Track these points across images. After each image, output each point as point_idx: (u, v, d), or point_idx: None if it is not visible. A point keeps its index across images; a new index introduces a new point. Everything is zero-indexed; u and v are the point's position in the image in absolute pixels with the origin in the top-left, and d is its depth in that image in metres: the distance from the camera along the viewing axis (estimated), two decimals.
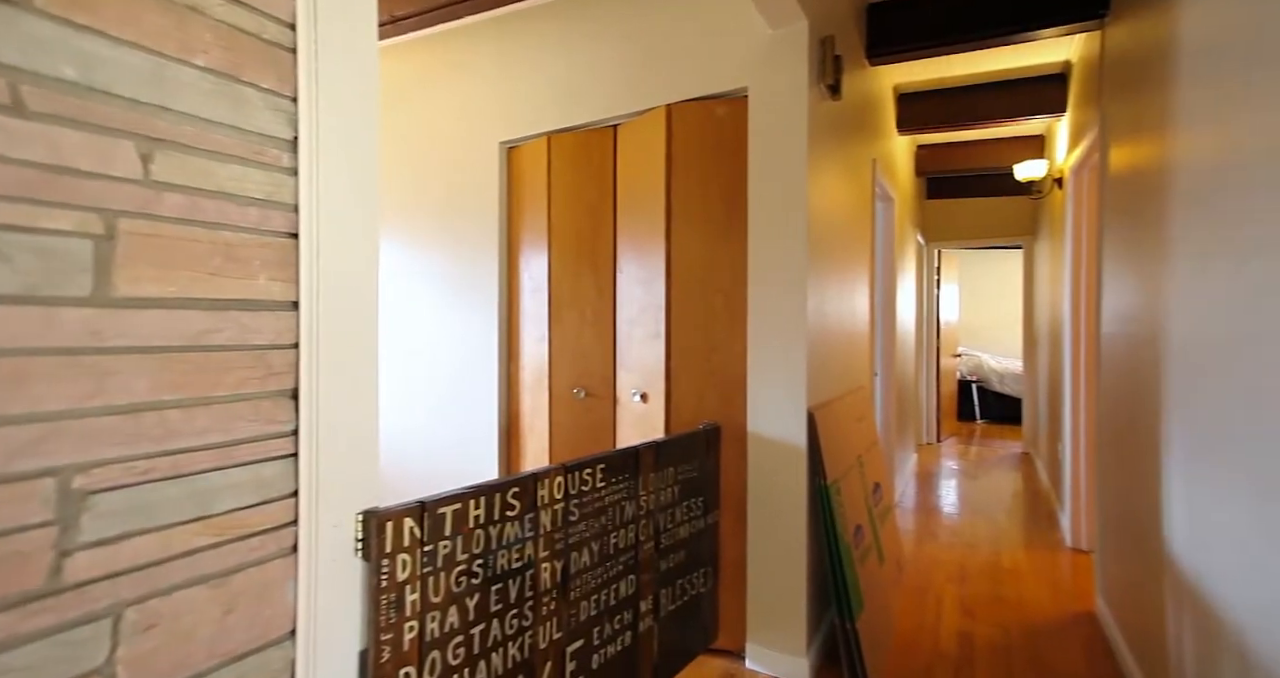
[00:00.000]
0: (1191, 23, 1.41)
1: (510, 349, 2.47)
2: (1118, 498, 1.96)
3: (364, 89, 0.83)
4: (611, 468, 1.47)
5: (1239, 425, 1.08)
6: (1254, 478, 1.02)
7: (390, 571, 0.88)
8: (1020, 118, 3.36)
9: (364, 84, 0.83)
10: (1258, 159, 1.01)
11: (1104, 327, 2.17)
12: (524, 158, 2.42)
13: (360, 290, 0.84)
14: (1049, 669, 1.90)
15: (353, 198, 0.82)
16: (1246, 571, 1.03)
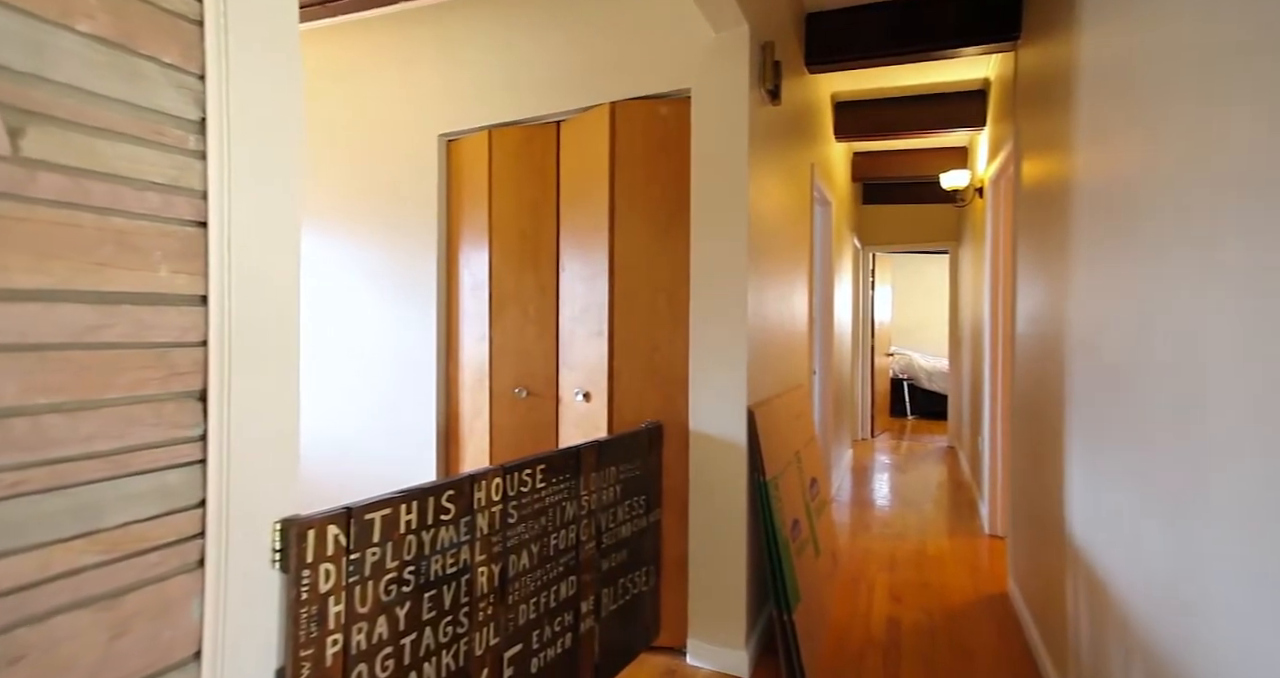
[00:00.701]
0: (1087, 51, 1.53)
1: (450, 348, 2.39)
2: (1027, 486, 2.11)
3: (283, 69, 0.78)
4: (552, 468, 1.44)
5: (1120, 417, 1.18)
6: (1132, 464, 1.11)
7: (312, 582, 0.83)
8: (945, 130, 3.56)
9: (283, 63, 0.78)
10: (1140, 178, 1.11)
11: (1018, 327, 2.32)
12: (464, 151, 2.35)
13: (279, 285, 0.79)
14: (966, 648, 2.02)
15: (270, 186, 0.77)
16: (1128, 549, 1.13)
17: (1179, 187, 0.96)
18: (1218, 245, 0.84)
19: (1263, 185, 0.73)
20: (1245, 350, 0.76)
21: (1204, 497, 0.86)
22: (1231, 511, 0.79)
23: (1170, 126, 1.00)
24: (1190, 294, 0.92)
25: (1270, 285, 0.70)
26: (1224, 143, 0.82)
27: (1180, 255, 0.95)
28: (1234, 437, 0.79)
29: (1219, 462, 0.82)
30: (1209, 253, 0.86)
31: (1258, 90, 0.74)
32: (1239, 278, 0.78)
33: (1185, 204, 0.94)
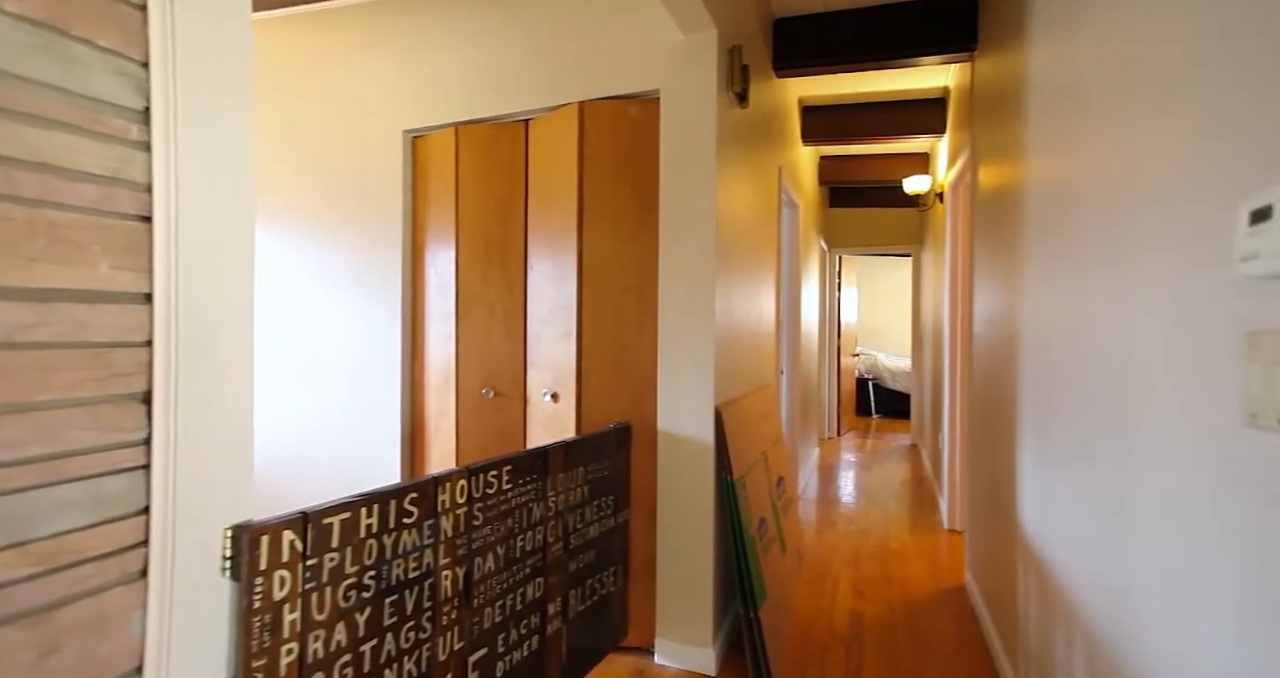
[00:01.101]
0: (1034, 66, 1.59)
1: (415, 348, 2.34)
2: (984, 481, 2.18)
3: (234, 57, 0.75)
4: (519, 469, 1.43)
5: (1063, 417, 1.23)
6: (1073, 462, 1.16)
7: (265, 589, 0.80)
8: (908, 136, 3.66)
9: (234, 51, 0.75)
10: (1076, 189, 1.16)
11: (975, 328, 2.40)
12: (430, 148, 2.31)
13: (231, 282, 0.76)
14: (925, 639, 2.08)
15: (221, 179, 0.74)
16: (1073, 538, 1.18)
17: (1106, 200, 1.01)
18: (1138, 256, 0.88)
19: (1173, 202, 0.77)
20: (1165, 354, 0.80)
21: (1134, 493, 0.91)
22: (1157, 506, 0.83)
23: (1099, 142, 1.05)
24: (1118, 300, 0.96)
25: (1183, 295, 0.74)
26: (1142, 160, 0.87)
27: (1109, 263, 1.00)
28: (1157, 437, 0.83)
29: (1145, 460, 0.87)
30: (1131, 263, 0.91)
31: (1168, 114, 0.78)
32: (1156, 287, 0.82)
33: (1111, 215, 0.98)
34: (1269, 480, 0.60)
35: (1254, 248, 0.58)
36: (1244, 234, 0.60)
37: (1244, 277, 0.61)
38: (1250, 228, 0.59)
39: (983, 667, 1.90)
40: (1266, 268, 0.56)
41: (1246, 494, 0.64)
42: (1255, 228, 0.58)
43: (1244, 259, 0.60)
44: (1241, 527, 0.65)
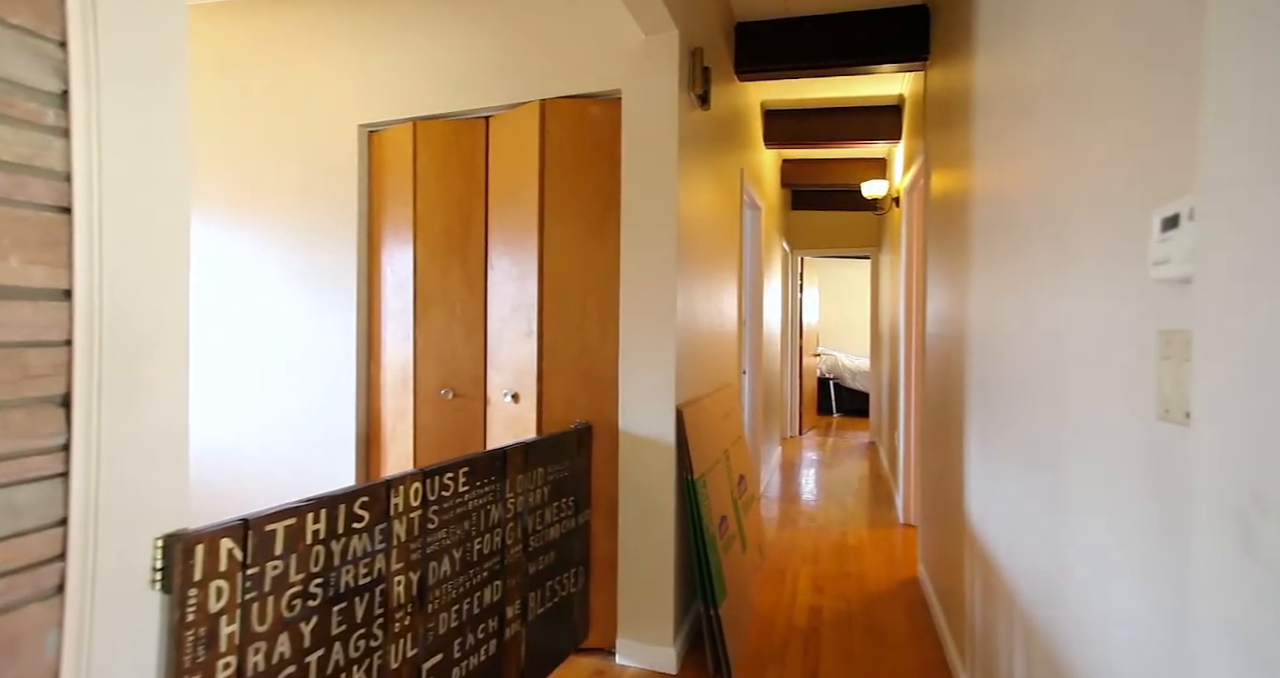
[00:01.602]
0: (980, 77, 1.65)
1: (371, 348, 2.28)
2: (934, 476, 2.26)
3: (165, 36, 0.71)
4: (476, 471, 1.41)
5: (1006, 413, 1.29)
6: (1014, 456, 1.22)
7: (199, 602, 0.76)
8: (866, 141, 3.75)
9: (164, 30, 0.71)
10: (1023, 194, 1.21)
11: (928, 328, 2.48)
12: (387, 144, 2.25)
13: (164, 277, 0.72)
14: (880, 631, 2.13)
15: (152, 168, 0.70)
16: (1013, 529, 1.23)
17: (1044, 206, 1.06)
18: (1071, 260, 0.93)
19: (1101, 209, 0.81)
20: (1094, 353, 0.85)
21: (1066, 485, 0.95)
22: (1086, 497, 0.88)
23: (1037, 151, 1.10)
24: (1054, 301, 1.01)
25: (1109, 296, 0.78)
26: (1075, 169, 0.91)
27: (1046, 266, 1.05)
28: (1086, 431, 0.87)
29: (1076, 453, 0.91)
30: (1066, 266, 0.95)
31: (1096, 127, 0.83)
32: (1087, 289, 0.87)
33: (1048, 221, 1.03)
34: (1177, 471, 0.64)
35: (1165, 253, 0.61)
36: (1156, 240, 0.64)
37: (1157, 280, 0.65)
38: (1161, 235, 0.63)
39: (933, 656, 1.97)
40: (1175, 272, 0.59)
41: (1160, 484, 0.68)
42: (1165, 235, 0.62)
43: (1156, 264, 0.63)
44: (1156, 516, 0.68)
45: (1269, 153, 0.37)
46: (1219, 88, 0.41)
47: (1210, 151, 0.43)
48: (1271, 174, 0.37)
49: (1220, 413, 0.43)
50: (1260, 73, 0.38)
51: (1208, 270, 0.42)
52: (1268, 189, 0.37)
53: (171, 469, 0.73)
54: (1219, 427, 0.44)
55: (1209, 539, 0.49)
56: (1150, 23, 0.71)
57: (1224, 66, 0.41)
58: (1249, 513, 0.43)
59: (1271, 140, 0.37)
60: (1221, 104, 0.41)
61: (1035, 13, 1.18)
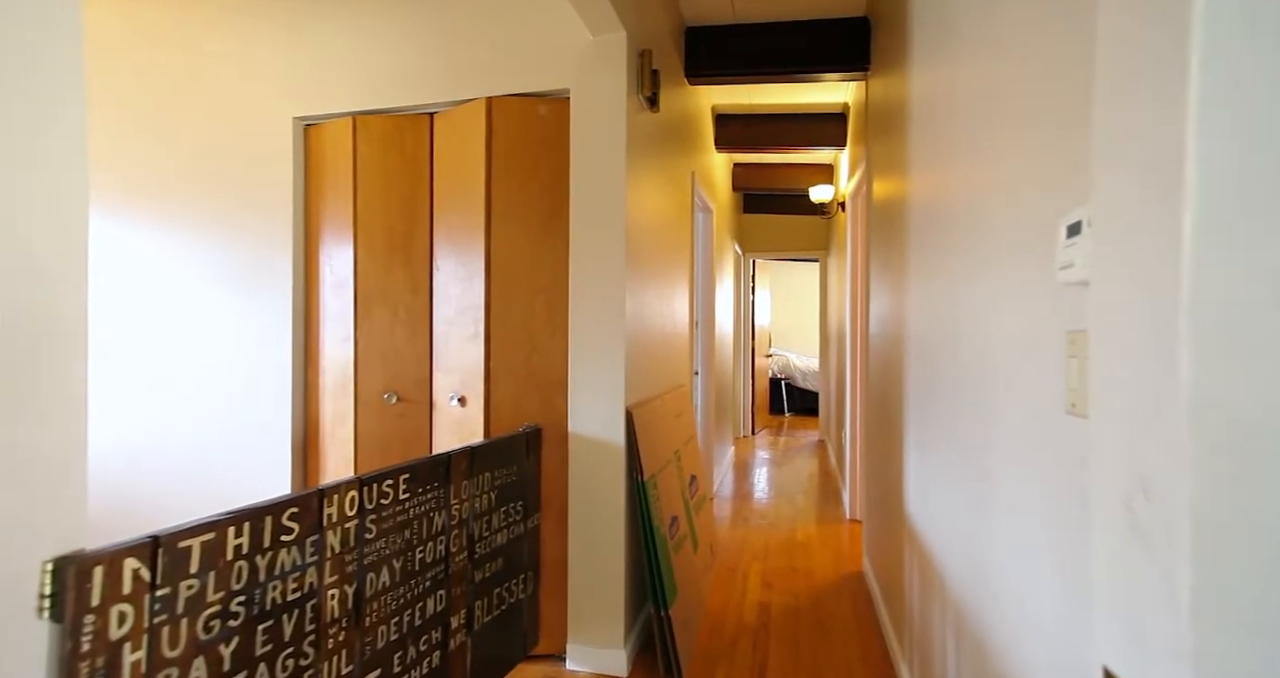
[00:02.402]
0: (915, 88, 1.73)
1: (309, 351, 2.18)
2: (878, 472, 2.34)
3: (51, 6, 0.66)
4: (418, 477, 1.36)
5: (939, 411, 1.35)
6: (946, 451, 1.28)
7: (98, 629, 0.71)
8: (813, 147, 3.86)
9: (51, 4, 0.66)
10: (953, 200, 1.27)
11: (871, 329, 2.57)
12: (325, 139, 2.16)
13: (56, 277, 0.67)
14: (825, 625, 2.19)
15: (38, 156, 0.65)
16: (946, 520, 1.29)
17: (971, 212, 1.11)
18: (994, 263, 0.98)
19: (1019, 216, 0.86)
20: (1014, 351, 0.89)
21: (990, 477, 1.00)
22: (1007, 489, 0.93)
23: (965, 160, 1.16)
24: (980, 303, 1.06)
25: (1027, 298, 0.83)
26: (997, 178, 0.97)
27: (973, 269, 1.10)
28: (1007, 425, 0.92)
29: (999, 446, 0.96)
30: (990, 269, 1.00)
31: (1014, 139, 0.88)
32: (1008, 291, 0.92)
33: (975, 226, 1.09)
34: (1079, 461, 0.68)
35: (1069, 258, 0.65)
36: (1063, 246, 0.68)
37: (1064, 283, 0.69)
38: (1067, 241, 0.67)
39: (875, 646, 2.04)
40: (1077, 276, 0.63)
41: (1069, 475, 0.72)
42: (1070, 241, 0.66)
43: (1063, 268, 0.68)
44: (1066, 504, 0.73)
45: (1145, 166, 0.40)
46: (1106, 104, 0.44)
47: (1100, 164, 0.46)
48: (1148, 186, 0.40)
49: (1108, 408, 0.46)
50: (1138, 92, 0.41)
51: (1098, 275, 0.45)
52: (1144, 200, 0.40)
53: (66, 487, 0.67)
54: (1108, 420, 0.47)
55: (1104, 524, 0.52)
56: (1055, 40, 0.75)
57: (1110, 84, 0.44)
58: (1135, 499, 0.46)
59: (1146, 155, 0.40)
60: (1108, 119, 0.44)
61: (960, 30, 1.24)
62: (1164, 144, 0.39)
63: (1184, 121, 0.37)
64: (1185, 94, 0.37)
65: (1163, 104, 0.39)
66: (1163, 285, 0.38)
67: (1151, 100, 0.40)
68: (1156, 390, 0.40)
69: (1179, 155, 0.37)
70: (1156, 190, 0.39)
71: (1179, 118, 0.37)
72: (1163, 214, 0.38)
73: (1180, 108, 0.37)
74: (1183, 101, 0.37)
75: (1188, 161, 0.37)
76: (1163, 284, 0.38)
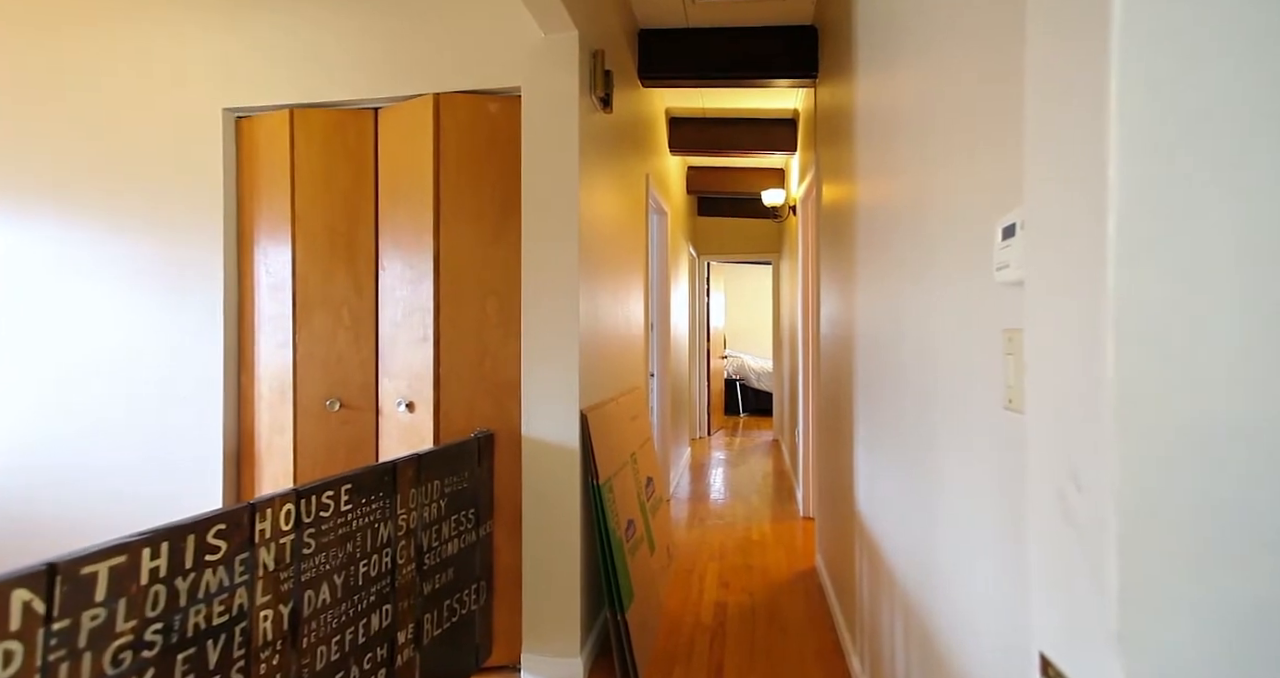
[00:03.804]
0: (861, 96, 1.78)
1: (243, 356, 2.06)
2: (829, 470, 2.40)
3: None
4: (361, 487, 1.30)
5: (885, 409, 1.39)
6: (892, 445, 1.31)
7: None
8: (765, 152, 3.93)
9: None
10: (896, 205, 1.31)
11: (821, 330, 2.64)
12: (260, 132, 2.05)
13: None
14: (781, 622, 2.23)
15: None
16: (893, 517, 1.33)
17: (913, 216, 1.15)
18: (936, 265, 1.01)
19: (959, 219, 0.89)
20: (955, 349, 0.93)
21: (935, 474, 1.04)
22: (950, 483, 0.96)
23: (907, 166, 1.20)
24: (923, 303, 1.10)
25: (968, 298, 0.86)
26: (937, 183, 1.00)
27: (917, 271, 1.14)
28: (949, 422, 0.96)
29: (941, 443, 0.99)
30: (932, 271, 1.04)
31: (954, 146, 0.91)
32: (949, 292, 0.95)
33: (918, 230, 1.13)
34: (1017, 454, 0.70)
35: (1005, 259, 0.68)
36: (999, 247, 0.71)
37: (1001, 283, 0.72)
38: (1003, 242, 0.70)
39: (828, 640, 2.08)
40: (1013, 276, 0.66)
41: (1005, 467, 0.75)
42: (1006, 242, 0.69)
43: (999, 268, 0.70)
44: (1004, 495, 0.75)
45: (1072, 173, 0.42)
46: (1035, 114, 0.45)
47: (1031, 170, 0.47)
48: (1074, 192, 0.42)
49: (1041, 402, 0.47)
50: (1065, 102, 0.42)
51: (1031, 275, 0.47)
52: (1070, 204, 0.41)
53: None
54: (1041, 414, 0.49)
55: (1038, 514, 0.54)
56: (992, 51, 0.78)
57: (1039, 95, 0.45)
58: (1067, 490, 0.47)
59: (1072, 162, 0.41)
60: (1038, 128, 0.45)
61: (901, 40, 1.29)
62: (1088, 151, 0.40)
63: (1105, 132, 0.39)
64: (1106, 105, 0.38)
65: (1086, 115, 0.40)
66: (1089, 285, 0.39)
67: (1076, 111, 0.41)
68: (1084, 385, 0.42)
69: (1102, 162, 0.39)
70: (1082, 195, 0.41)
71: (1101, 128, 0.39)
72: (1088, 218, 0.40)
73: (1102, 119, 0.39)
74: (1104, 113, 0.38)
75: (1110, 168, 0.38)
76: (1089, 284, 0.39)
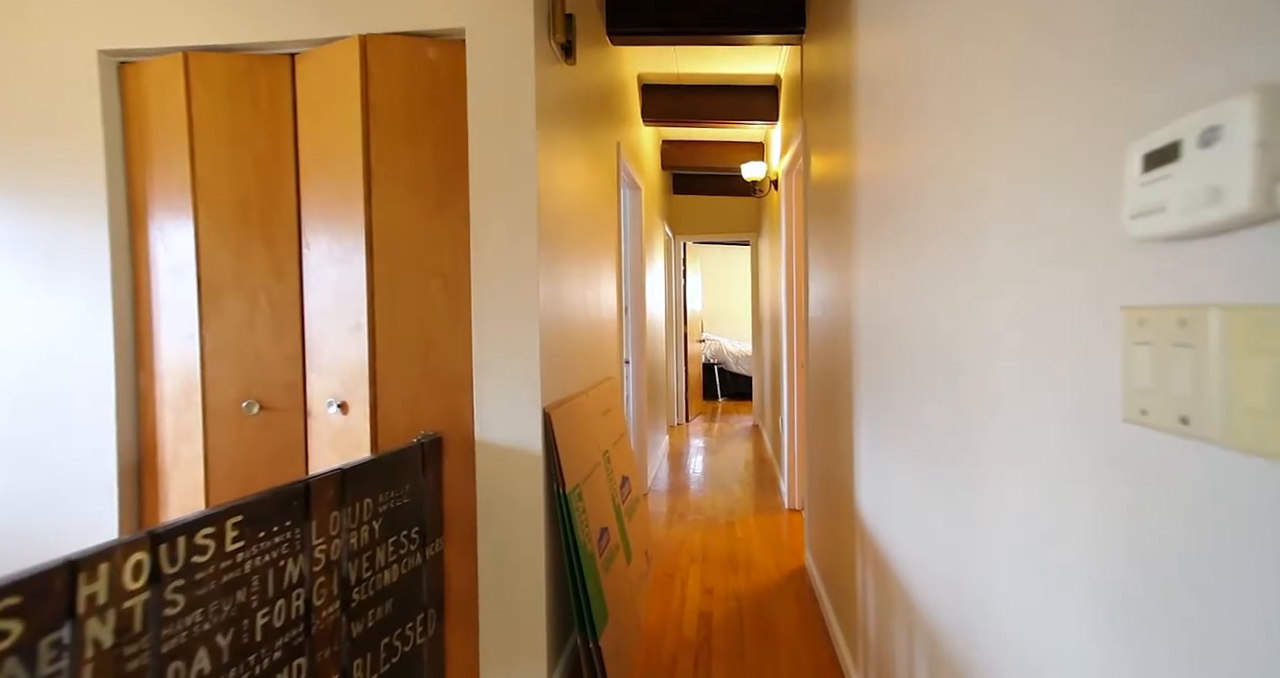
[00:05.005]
0: (864, 52, 1.53)
1: (140, 351, 1.74)
2: (822, 462, 2.19)
3: None
4: (258, 518, 1.03)
5: (902, 404, 1.17)
6: (915, 453, 1.10)
7: None
8: (744, 121, 3.67)
9: None
10: (921, 173, 1.08)
11: (810, 312, 2.41)
12: (148, 82, 1.71)
13: None
14: (771, 629, 2.03)
15: None
16: (914, 535, 1.12)
17: (949, 184, 0.92)
18: (989, 238, 0.78)
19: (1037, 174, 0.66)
20: (1020, 341, 0.70)
21: (987, 496, 0.82)
22: (1015, 515, 0.74)
23: (940, 128, 0.96)
24: (965, 285, 0.87)
25: (1043, 276, 0.63)
26: (992, 141, 0.77)
27: (954, 247, 0.91)
28: (1014, 434, 0.73)
29: (1000, 459, 0.77)
30: (981, 245, 0.81)
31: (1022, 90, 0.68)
32: (1010, 269, 0.72)
33: (955, 199, 0.90)
34: (1155, 489, 0.48)
35: (1152, 201, 0.44)
36: (1136, 185, 0.47)
37: (1137, 239, 0.49)
38: (1145, 176, 0.46)
39: (824, 654, 1.89)
40: (1169, 226, 0.42)
41: (1122, 500, 0.52)
42: (1153, 174, 0.45)
43: (1137, 216, 0.47)
44: (1118, 540, 0.53)
45: None
46: None
47: None
48: None
49: None
50: None
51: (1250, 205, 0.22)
52: None
53: None
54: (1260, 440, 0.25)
55: None
56: None
57: None
58: None
59: None
60: None
61: None
62: None
63: None
64: None
65: None
66: None
67: None
68: None
69: None
70: None
71: None
72: None
73: None
74: None
75: None
76: None
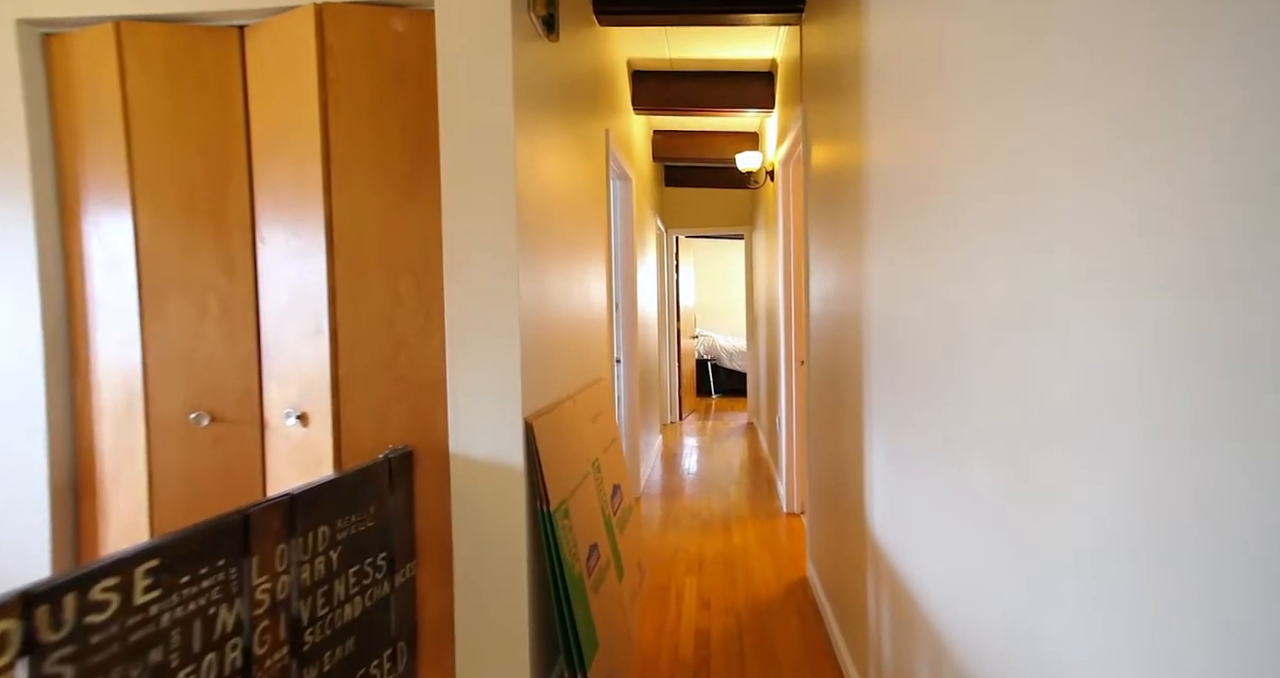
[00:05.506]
0: (875, 33, 1.38)
1: (75, 358, 1.57)
2: (826, 466, 2.06)
3: None
4: (179, 561, 0.88)
5: (929, 420, 1.04)
6: (950, 483, 0.97)
7: None
8: (738, 109, 3.51)
9: None
10: (955, 163, 0.94)
11: (812, 307, 2.27)
12: (77, 55, 1.53)
13: None
14: (772, 647, 1.90)
15: None
16: (945, 567, 0.99)
17: (996, 175, 0.78)
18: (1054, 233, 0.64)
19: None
20: (1100, 351, 0.56)
21: (1055, 533, 0.68)
22: (1089, 550, 0.60)
23: (977, 114, 0.82)
24: (1014, 286, 0.73)
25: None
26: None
27: (1001, 245, 0.77)
28: (1096, 462, 0.60)
29: (1085, 491, 0.63)
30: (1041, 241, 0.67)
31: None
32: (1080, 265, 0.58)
33: (1003, 191, 0.75)
34: None
35: None
36: None
37: None
38: None
39: (831, 676, 1.76)
40: None
41: None
42: None
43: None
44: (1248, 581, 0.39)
45: None
46: None
47: None
48: None
49: None
50: None
51: None
52: None
53: None
54: None
55: None
56: None
57: None
58: None
59: None
60: None
61: None
62: None
63: None
64: None
65: None
66: None
67: None
68: None
69: None
70: None
71: None
72: None
73: None
74: None
75: None
76: None
